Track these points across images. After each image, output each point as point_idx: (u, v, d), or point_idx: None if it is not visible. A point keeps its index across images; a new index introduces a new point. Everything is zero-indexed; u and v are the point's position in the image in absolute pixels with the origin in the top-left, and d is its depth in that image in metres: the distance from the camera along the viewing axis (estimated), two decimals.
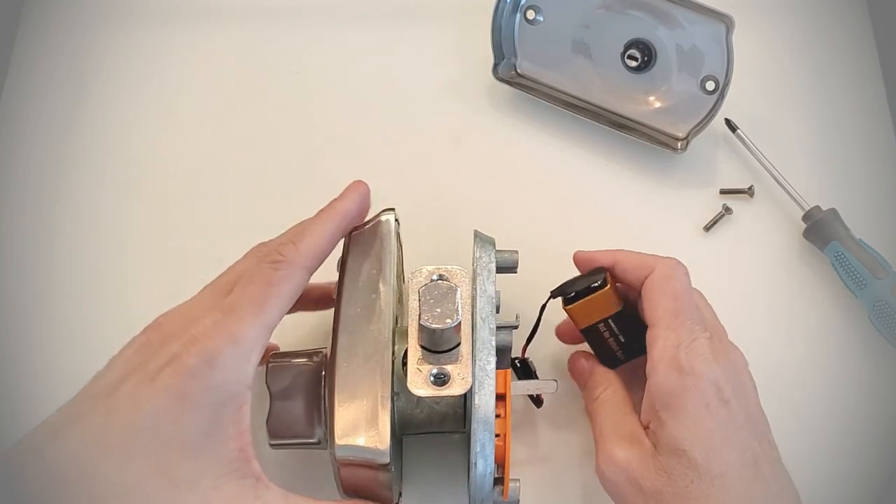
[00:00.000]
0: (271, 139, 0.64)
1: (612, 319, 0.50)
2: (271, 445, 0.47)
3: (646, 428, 0.47)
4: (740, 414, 0.45)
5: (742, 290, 0.59)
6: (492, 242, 0.49)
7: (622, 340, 0.51)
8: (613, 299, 0.49)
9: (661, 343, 0.46)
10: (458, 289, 0.44)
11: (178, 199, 0.62)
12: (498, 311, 0.47)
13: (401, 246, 0.53)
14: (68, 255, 0.60)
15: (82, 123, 0.65)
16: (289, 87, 0.66)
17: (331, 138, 0.64)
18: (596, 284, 0.49)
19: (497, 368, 0.45)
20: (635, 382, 0.50)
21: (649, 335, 0.47)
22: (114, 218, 0.62)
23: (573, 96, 0.64)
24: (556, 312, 0.51)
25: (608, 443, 0.47)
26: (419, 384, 0.44)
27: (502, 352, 0.47)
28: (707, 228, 0.61)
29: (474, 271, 0.47)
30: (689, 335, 0.46)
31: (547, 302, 0.51)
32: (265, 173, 0.63)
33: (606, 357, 0.52)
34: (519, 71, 0.64)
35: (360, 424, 0.43)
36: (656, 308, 0.47)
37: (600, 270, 0.50)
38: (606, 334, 0.50)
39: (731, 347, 0.48)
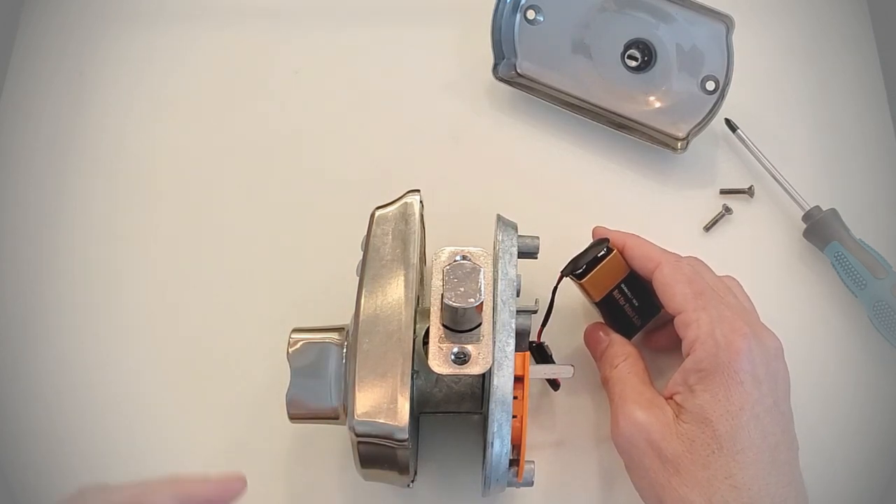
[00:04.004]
0: (271, 138, 0.64)
1: (624, 284, 0.52)
2: (291, 419, 0.48)
3: (669, 398, 0.47)
4: (769, 398, 0.46)
5: None
6: (514, 226, 0.50)
7: (636, 304, 0.53)
8: (622, 263, 0.52)
9: (694, 325, 0.47)
10: (482, 269, 0.44)
11: (178, 198, 0.62)
12: (518, 296, 0.48)
13: (424, 228, 0.53)
14: (67, 254, 0.60)
15: (81, 123, 0.65)
16: (288, 86, 0.66)
17: (330, 138, 0.64)
18: (602, 253, 0.51)
19: (515, 351, 0.45)
20: (648, 359, 0.52)
21: (679, 321, 0.48)
22: (112, 217, 0.62)
23: (573, 96, 0.64)
24: (570, 298, 0.52)
25: (628, 405, 0.48)
26: (440, 362, 0.44)
27: (521, 335, 0.48)
28: (707, 228, 0.61)
29: (496, 254, 0.48)
30: (718, 312, 0.47)
31: (558, 284, 0.52)
32: (264, 172, 0.63)
33: (624, 326, 0.53)
34: (519, 71, 0.64)
35: (380, 401, 0.44)
36: (675, 296, 0.48)
37: (601, 241, 0.52)
38: (622, 300, 0.52)
39: (765, 331, 0.49)
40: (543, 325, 0.53)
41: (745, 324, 0.47)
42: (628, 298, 0.53)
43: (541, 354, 0.53)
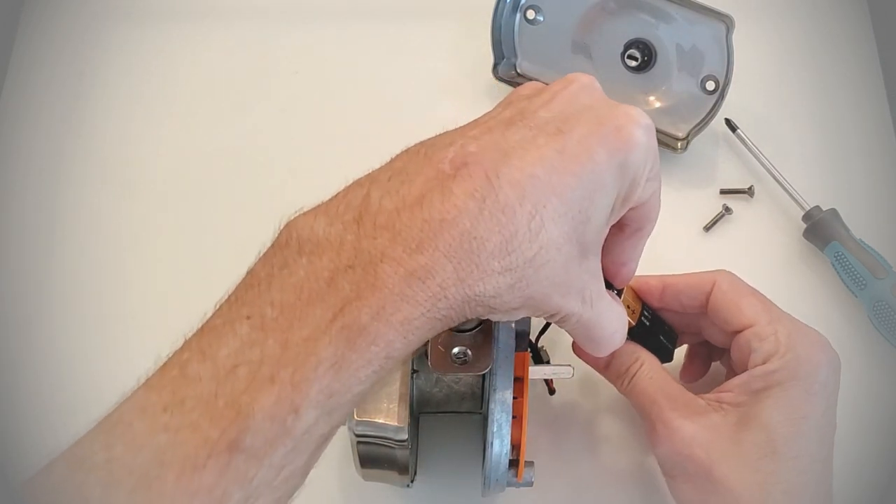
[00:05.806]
0: (270, 139, 0.64)
1: None
2: None
3: (718, 394, 0.46)
4: (833, 409, 0.45)
5: None
6: None
7: None
8: None
9: (772, 338, 0.45)
10: None
11: (177, 199, 0.62)
12: None
13: None
14: (67, 253, 0.60)
15: (81, 123, 0.65)
16: (288, 87, 0.66)
17: (330, 138, 0.64)
18: None
19: (515, 351, 0.45)
20: None
21: (752, 334, 0.46)
22: (112, 216, 0.62)
23: None
24: None
25: (666, 414, 0.46)
26: (440, 362, 0.44)
27: (520, 336, 0.48)
28: (707, 228, 0.61)
29: None
30: (794, 324, 0.46)
31: None
32: (264, 173, 0.63)
33: None
34: (519, 71, 0.64)
35: (379, 401, 0.44)
36: (744, 310, 0.47)
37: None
38: None
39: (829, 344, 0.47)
40: (542, 331, 0.52)
41: (818, 333, 0.46)
42: None
43: (536, 358, 0.53)
